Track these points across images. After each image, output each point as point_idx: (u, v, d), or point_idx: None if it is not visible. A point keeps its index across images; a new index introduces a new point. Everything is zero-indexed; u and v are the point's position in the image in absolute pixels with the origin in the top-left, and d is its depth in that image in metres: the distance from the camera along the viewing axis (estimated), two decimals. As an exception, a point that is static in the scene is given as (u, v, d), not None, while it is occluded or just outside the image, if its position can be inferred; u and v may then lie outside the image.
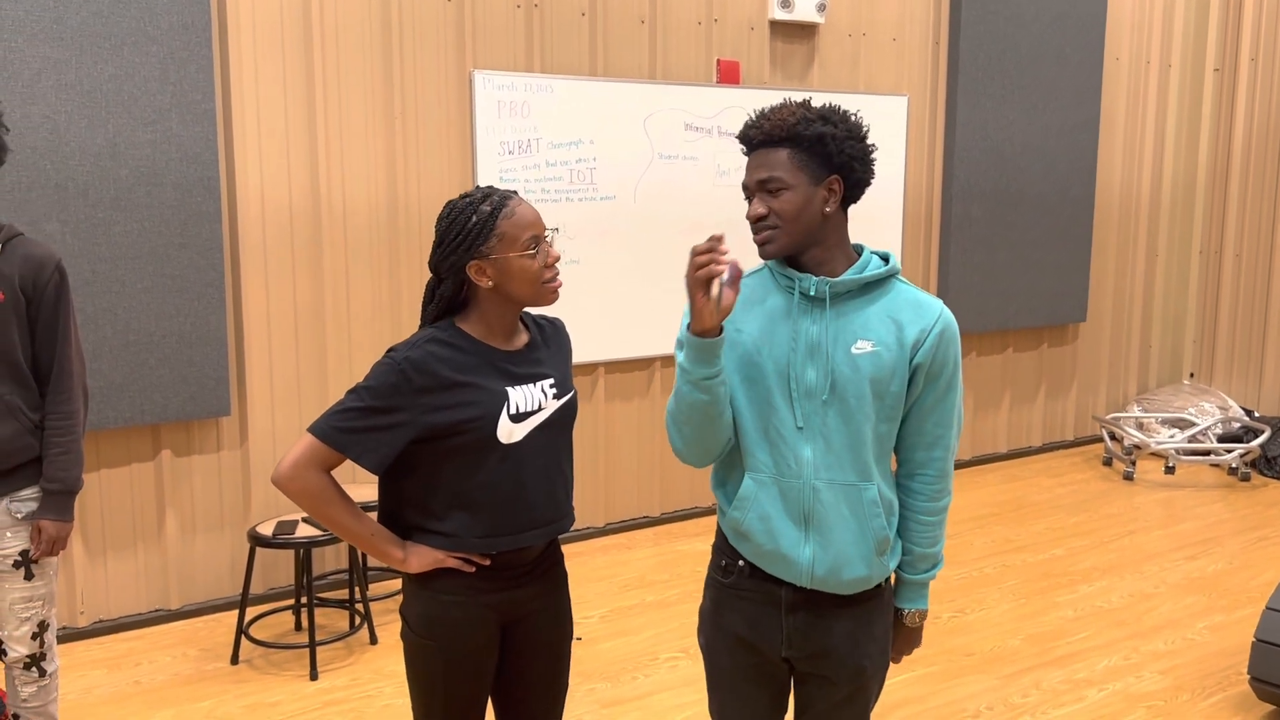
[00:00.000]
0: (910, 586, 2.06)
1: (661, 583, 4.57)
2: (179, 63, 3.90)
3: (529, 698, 2.17)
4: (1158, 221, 7.11)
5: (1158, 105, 6.95)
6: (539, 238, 1.98)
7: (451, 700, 2.05)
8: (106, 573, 4.09)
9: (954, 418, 1.97)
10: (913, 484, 2.00)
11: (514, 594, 2.08)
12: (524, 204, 1.99)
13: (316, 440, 1.93)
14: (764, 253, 1.90)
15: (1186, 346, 7.37)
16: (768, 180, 1.87)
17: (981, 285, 6.18)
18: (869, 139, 1.96)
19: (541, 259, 1.98)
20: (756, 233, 1.90)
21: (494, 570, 2.04)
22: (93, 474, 4.01)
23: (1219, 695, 3.57)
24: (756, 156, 1.89)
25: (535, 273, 1.97)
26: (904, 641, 2.11)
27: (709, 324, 1.77)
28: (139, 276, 3.91)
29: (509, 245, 1.96)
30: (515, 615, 2.10)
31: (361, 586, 3.92)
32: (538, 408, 2.03)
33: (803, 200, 1.86)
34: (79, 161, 3.76)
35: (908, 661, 3.81)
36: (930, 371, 1.92)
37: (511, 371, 2.02)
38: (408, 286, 4.55)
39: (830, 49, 5.58)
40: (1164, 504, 5.73)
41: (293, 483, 1.94)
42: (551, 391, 2.06)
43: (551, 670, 2.17)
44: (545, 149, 4.69)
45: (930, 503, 1.99)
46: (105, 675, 3.75)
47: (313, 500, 1.95)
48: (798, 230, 1.88)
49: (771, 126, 1.87)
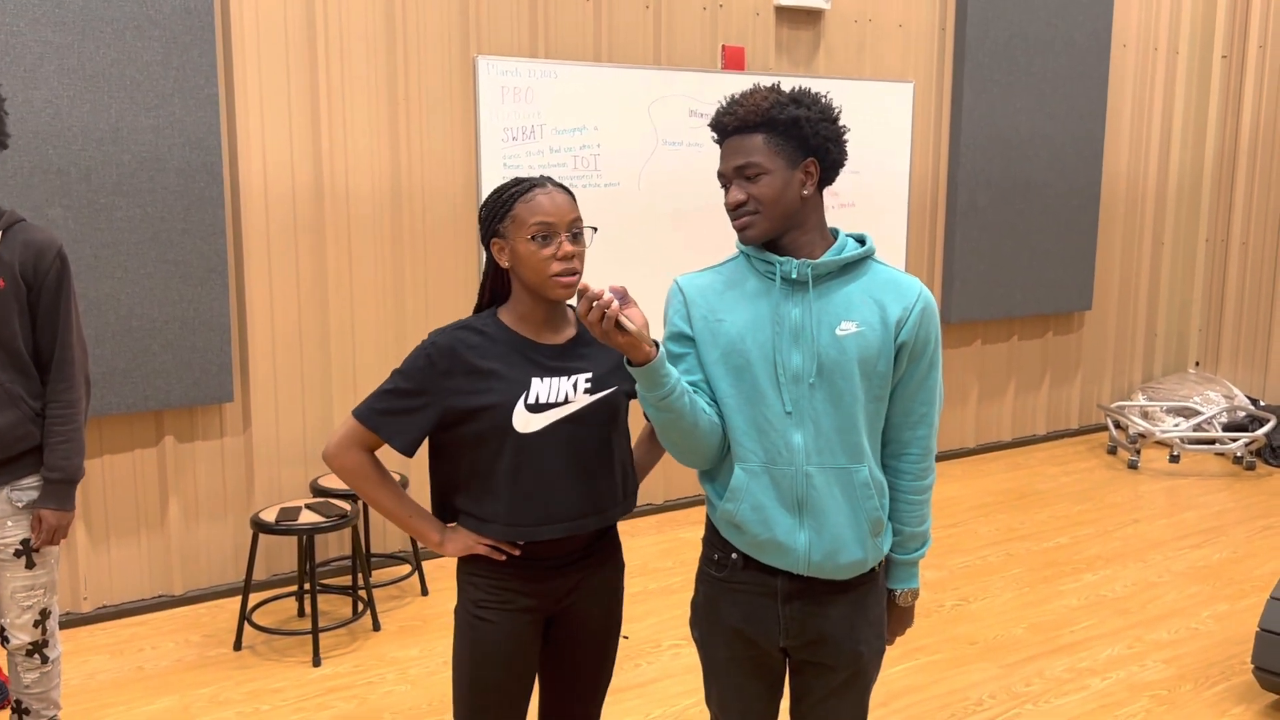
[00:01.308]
0: (901, 566, 2.08)
1: (665, 570, 4.57)
2: (181, 47, 3.88)
3: (570, 686, 2.18)
4: (1164, 210, 7.07)
5: (1165, 93, 6.91)
6: (548, 225, 1.96)
7: (478, 684, 2.06)
8: (110, 558, 4.09)
9: (936, 396, 1.99)
10: (899, 464, 2.00)
11: (554, 584, 2.07)
12: (551, 194, 1.98)
13: (355, 421, 2.02)
14: (744, 238, 1.90)
15: (1192, 335, 7.35)
16: (745, 166, 1.87)
17: (987, 273, 6.16)
18: (840, 120, 1.97)
19: (551, 250, 1.96)
20: (735, 219, 1.90)
21: (529, 560, 2.05)
22: (95, 460, 4.01)
23: (1222, 685, 3.57)
24: (731, 143, 1.90)
25: (539, 261, 1.96)
26: (897, 622, 2.13)
27: (644, 352, 1.77)
28: (141, 262, 3.90)
29: (519, 228, 1.97)
30: (558, 605, 2.10)
31: (365, 573, 3.92)
32: (563, 400, 2.01)
33: (781, 184, 1.87)
34: (81, 146, 3.75)
35: (911, 650, 3.81)
36: (914, 350, 1.93)
37: (541, 363, 2.02)
38: (411, 272, 4.54)
39: (836, 35, 5.54)
40: (1168, 493, 5.71)
41: (335, 460, 2.04)
42: (585, 386, 2.03)
43: (594, 660, 2.18)
44: (549, 135, 4.67)
45: (917, 481, 2.01)
46: (108, 661, 3.75)
47: (354, 479, 2.04)
48: (777, 214, 1.88)
49: (745, 112, 1.87)
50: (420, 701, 3.44)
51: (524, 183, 2.01)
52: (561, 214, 1.97)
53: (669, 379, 1.81)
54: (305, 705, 3.43)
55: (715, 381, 1.94)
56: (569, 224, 1.98)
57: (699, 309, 1.95)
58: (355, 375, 4.47)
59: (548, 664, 2.19)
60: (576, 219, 1.99)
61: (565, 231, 1.97)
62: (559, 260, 1.97)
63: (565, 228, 1.97)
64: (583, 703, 2.20)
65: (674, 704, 3.43)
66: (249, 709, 3.40)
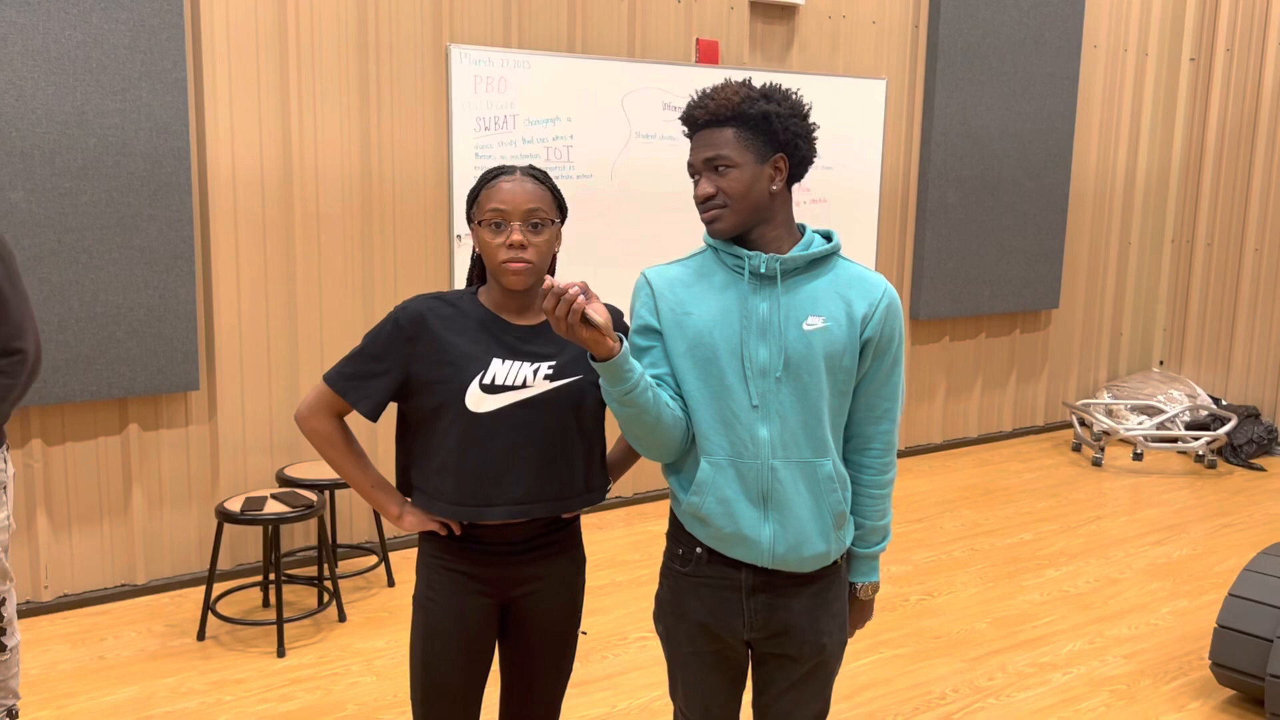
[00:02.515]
0: (862, 560, 2.09)
1: (633, 562, 4.57)
2: (149, 30, 3.83)
3: (528, 680, 2.18)
4: (1131, 210, 7.15)
5: (1134, 94, 6.98)
6: (501, 212, 1.97)
7: (429, 663, 2.06)
8: (72, 547, 4.05)
9: (899, 392, 2.01)
10: (862, 459, 2.02)
11: (506, 571, 2.08)
12: (516, 181, 1.99)
13: (325, 386, 2.05)
14: (713, 231, 1.91)
15: (1157, 334, 7.44)
16: (715, 159, 1.88)
17: (956, 270, 6.20)
18: (810, 117, 1.98)
19: (502, 237, 1.97)
20: (704, 211, 1.92)
21: (478, 543, 2.05)
22: (58, 447, 3.96)
23: (1181, 680, 3.62)
24: (702, 136, 1.91)
25: (491, 248, 1.99)
26: (858, 615, 2.15)
27: (609, 347, 1.78)
28: (107, 247, 3.85)
29: (480, 214, 2.01)
30: (511, 594, 2.10)
31: (331, 563, 3.90)
32: (520, 384, 2.01)
33: (750, 178, 1.88)
34: (45, 129, 3.70)
35: (875, 643, 3.83)
36: (879, 346, 1.95)
37: (508, 344, 2.02)
38: (380, 262, 4.51)
39: (810, 30, 5.55)
40: (1131, 490, 5.78)
41: (304, 423, 2.07)
42: (545, 373, 2.03)
43: (551, 654, 2.18)
44: (522, 125, 4.66)
45: (879, 475, 2.03)
46: (69, 650, 3.71)
47: (320, 443, 2.08)
48: (745, 208, 1.89)
49: (716, 106, 1.88)
50: (385, 693, 3.43)
51: (498, 170, 2.03)
52: (517, 203, 1.97)
53: (633, 374, 1.82)
54: (269, 696, 3.40)
55: (682, 375, 1.94)
56: (525, 213, 1.97)
57: (666, 302, 1.95)
58: (323, 365, 4.44)
59: (506, 657, 2.19)
60: (535, 209, 1.98)
61: (519, 220, 1.97)
62: (507, 248, 1.97)
63: (520, 216, 1.97)
64: (540, 697, 2.20)
65: (639, 696, 3.43)
66: (212, 699, 3.37)
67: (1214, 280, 7.07)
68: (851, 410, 2.00)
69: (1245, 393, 6.89)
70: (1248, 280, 6.85)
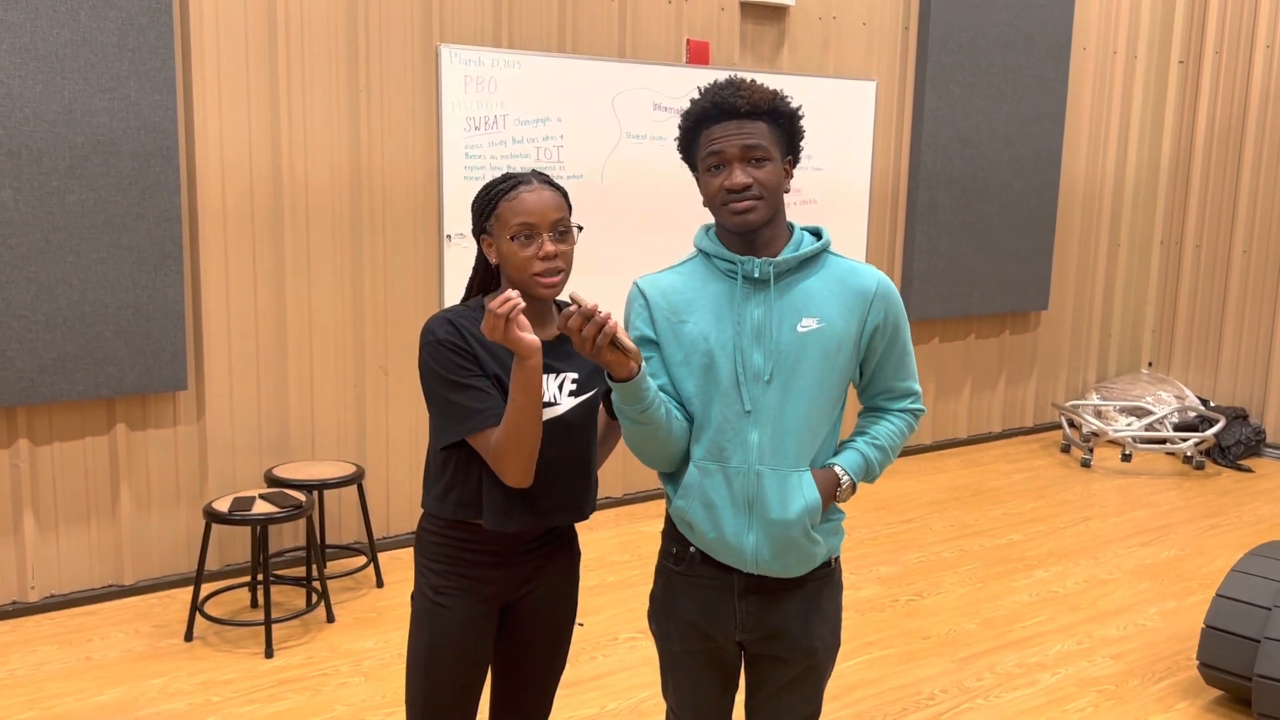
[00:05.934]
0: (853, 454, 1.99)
1: (622, 563, 4.57)
2: (138, 29, 3.82)
3: (523, 675, 2.19)
4: (1120, 212, 7.17)
5: (1123, 96, 7.00)
6: (530, 225, 1.93)
7: (433, 672, 2.05)
8: (59, 547, 4.03)
9: (914, 368, 2.04)
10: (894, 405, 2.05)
11: (513, 571, 2.07)
12: (536, 191, 1.96)
13: (473, 438, 1.92)
14: (746, 222, 1.85)
15: (1146, 336, 7.46)
16: (754, 147, 1.84)
17: (946, 272, 6.21)
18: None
19: (533, 249, 1.94)
20: (737, 201, 1.85)
21: (492, 548, 2.04)
22: (45, 447, 3.94)
23: (1168, 680, 3.63)
24: (734, 124, 1.84)
25: (521, 261, 1.94)
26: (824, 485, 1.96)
27: (630, 369, 1.77)
28: (94, 246, 3.84)
29: (502, 227, 1.96)
30: (515, 593, 2.10)
31: (319, 564, 3.89)
32: (550, 401, 2.00)
33: (779, 174, 1.89)
34: (33, 128, 3.68)
35: (864, 644, 3.84)
36: (884, 329, 1.96)
37: None
38: (370, 262, 4.50)
39: (800, 31, 5.56)
40: (1120, 491, 5.80)
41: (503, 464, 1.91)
42: (570, 388, 2.02)
43: (547, 649, 2.18)
44: (512, 126, 4.65)
45: (903, 423, 2.04)
46: (56, 651, 3.69)
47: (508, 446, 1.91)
48: (775, 203, 1.89)
49: (756, 97, 1.84)
50: (374, 694, 3.42)
51: (511, 179, 1.98)
52: (544, 213, 1.94)
53: (649, 393, 1.81)
54: (257, 697, 3.39)
55: (680, 383, 1.94)
56: (552, 223, 1.95)
57: (661, 310, 1.94)
58: (312, 365, 4.43)
59: (501, 653, 2.19)
60: (561, 218, 1.96)
61: (548, 231, 1.95)
62: (540, 260, 1.94)
63: (548, 227, 1.95)
64: (534, 692, 2.20)
65: (630, 696, 3.43)
66: (199, 700, 3.36)
67: (1202, 282, 7.10)
68: (874, 391, 2.03)
69: (1233, 394, 6.92)
70: (1236, 282, 6.87)
